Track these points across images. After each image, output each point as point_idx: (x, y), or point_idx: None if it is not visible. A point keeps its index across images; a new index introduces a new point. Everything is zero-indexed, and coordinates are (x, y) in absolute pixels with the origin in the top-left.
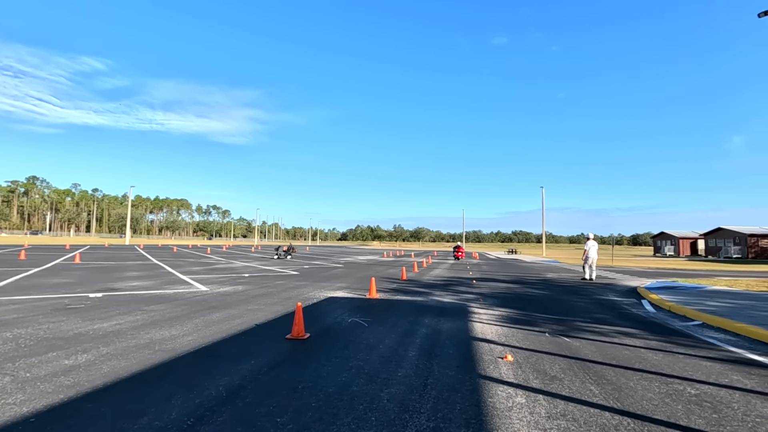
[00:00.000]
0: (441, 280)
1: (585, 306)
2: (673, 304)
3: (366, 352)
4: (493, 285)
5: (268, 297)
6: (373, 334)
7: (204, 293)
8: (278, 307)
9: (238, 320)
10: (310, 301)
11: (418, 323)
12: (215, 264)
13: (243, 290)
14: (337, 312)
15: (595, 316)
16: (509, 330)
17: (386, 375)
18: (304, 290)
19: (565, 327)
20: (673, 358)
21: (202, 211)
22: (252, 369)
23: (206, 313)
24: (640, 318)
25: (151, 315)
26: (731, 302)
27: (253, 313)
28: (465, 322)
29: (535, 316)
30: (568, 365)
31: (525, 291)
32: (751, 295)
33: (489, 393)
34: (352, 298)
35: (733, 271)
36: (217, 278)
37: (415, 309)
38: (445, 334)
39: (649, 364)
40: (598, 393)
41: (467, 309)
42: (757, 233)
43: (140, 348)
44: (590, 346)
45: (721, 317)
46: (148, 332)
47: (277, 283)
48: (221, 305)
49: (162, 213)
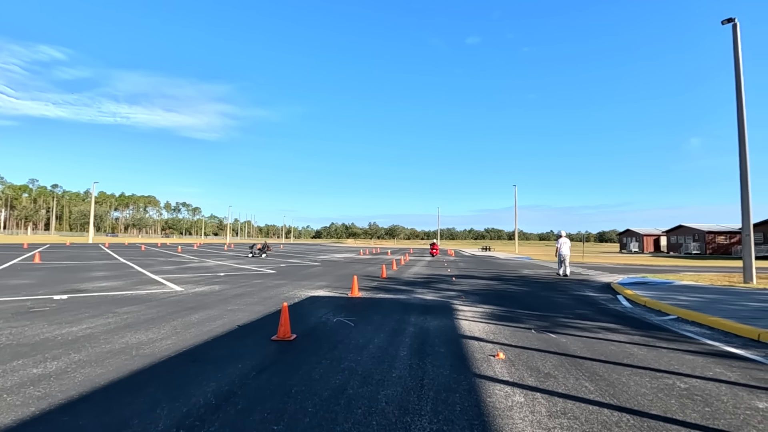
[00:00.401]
0: (421, 278)
1: (565, 302)
2: (648, 300)
3: (356, 352)
4: (473, 282)
5: (248, 297)
6: (360, 333)
7: (179, 294)
8: (259, 307)
9: (218, 321)
10: (292, 300)
11: (404, 322)
12: (188, 263)
13: (220, 290)
14: (320, 311)
15: (576, 312)
16: (496, 327)
17: (380, 376)
18: (283, 289)
19: (550, 323)
20: (658, 353)
21: (170, 208)
22: (240, 373)
23: (184, 315)
24: (619, 313)
25: (124, 317)
26: (700, 297)
27: (234, 314)
28: (451, 320)
29: (519, 312)
30: (559, 362)
31: (505, 288)
32: (717, 289)
33: (487, 392)
34: (334, 296)
35: (694, 266)
36: (191, 278)
37: (399, 307)
38: (434, 333)
39: (637, 359)
40: (594, 389)
41: (451, 306)
42: (714, 230)
43: (116, 353)
44: (577, 342)
45: (694, 311)
46: (123, 336)
47: (254, 282)
48: (199, 306)
49: (128, 210)
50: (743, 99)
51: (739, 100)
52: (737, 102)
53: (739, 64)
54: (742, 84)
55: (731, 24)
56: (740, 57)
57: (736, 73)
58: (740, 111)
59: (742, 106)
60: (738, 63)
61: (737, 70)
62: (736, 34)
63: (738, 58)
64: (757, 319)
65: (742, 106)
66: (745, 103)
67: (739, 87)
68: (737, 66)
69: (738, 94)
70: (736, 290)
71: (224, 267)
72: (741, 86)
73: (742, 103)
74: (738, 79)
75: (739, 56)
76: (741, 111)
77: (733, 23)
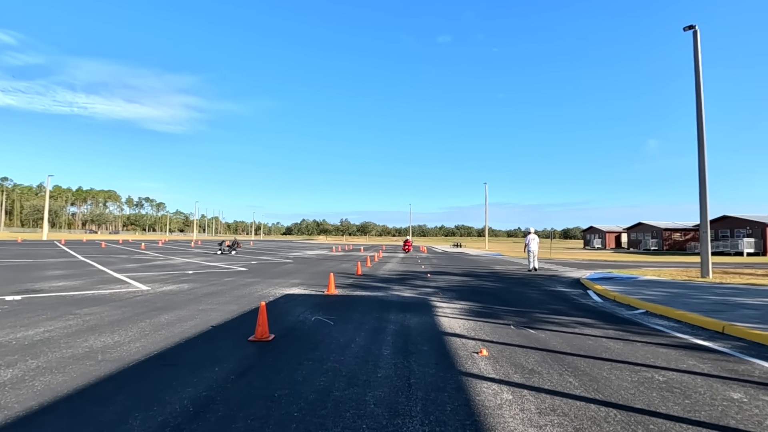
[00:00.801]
0: (396, 275)
1: (539, 297)
2: (618, 294)
3: (338, 352)
4: (448, 278)
5: (219, 295)
6: (341, 332)
7: (145, 293)
8: (233, 307)
9: (190, 322)
10: (267, 299)
11: (384, 320)
12: (153, 260)
13: (190, 289)
14: (297, 310)
15: (551, 307)
16: (476, 323)
17: (366, 377)
18: (257, 287)
19: (527, 319)
20: (633, 347)
21: (133, 203)
22: (218, 377)
23: (152, 316)
24: (591, 308)
25: (86, 319)
26: (665, 291)
27: (207, 314)
28: (431, 317)
29: (496, 308)
30: (541, 358)
31: (480, 284)
32: (678, 284)
33: (475, 390)
34: (310, 294)
35: (654, 261)
36: (157, 276)
37: (377, 305)
38: (415, 330)
39: (614, 353)
40: (578, 385)
41: (429, 303)
42: (671, 228)
43: (79, 359)
44: (556, 338)
45: (660, 305)
46: (87, 339)
47: (225, 280)
48: (168, 306)
49: (86, 205)
50: (702, 103)
51: (698, 104)
52: (697, 106)
53: (699, 69)
54: (701, 88)
55: (692, 31)
56: (700, 62)
57: (696, 77)
58: (699, 115)
59: (702, 110)
60: (698, 68)
61: (697, 75)
62: (696, 41)
63: (698, 63)
64: (719, 312)
65: (701, 110)
66: (704, 107)
67: (698, 91)
68: (697, 71)
69: (698, 98)
70: (696, 285)
71: (192, 264)
72: (701, 90)
73: (701, 107)
74: (698, 83)
75: (699, 61)
76: (700, 115)
77: (694, 30)
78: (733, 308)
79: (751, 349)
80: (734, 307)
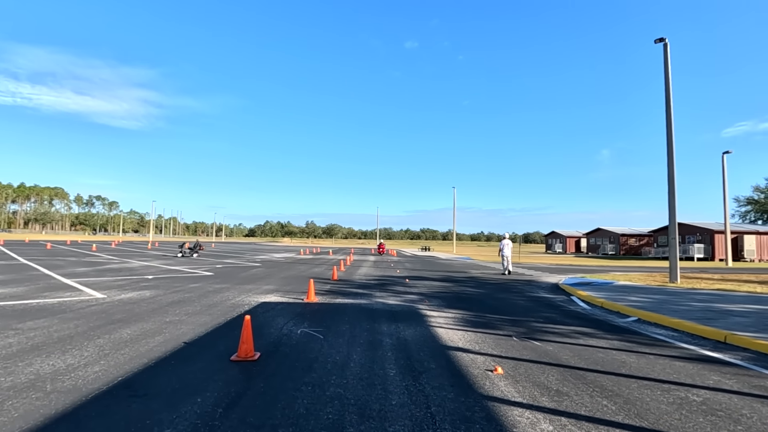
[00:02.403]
0: (374, 280)
1: (526, 304)
2: (605, 301)
3: (338, 374)
4: (428, 284)
5: (187, 304)
6: (334, 348)
7: (101, 302)
8: (204, 318)
9: (158, 338)
10: (241, 307)
11: (377, 331)
12: (107, 264)
13: (152, 296)
14: (279, 321)
15: (543, 315)
16: (475, 335)
17: (379, 405)
18: (227, 294)
19: (526, 329)
20: (647, 360)
21: (82, 202)
22: (202, 411)
23: (112, 330)
24: (583, 315)
25: (30, 336)
26: (647, 297)
27: (176, 327)
28: (425, 328)
29: (489, 317)
30: (561, 375)
31: (462, 290)
32: (655, 289)
33: (509, 420)
34: (288, 302)
35: (617, 266)
36: (113, 282)
37: (364, 314)
38: (414, 344)
39: (633, 369)
40: (616, 410)
41: (418, 312)
42: (627, 233)
43: (22, 390)
44: (564, 351)
45: (651, 312)
46: (31, 363)
47: (191, 286)
48: (129, 318)
49: (29, 203)
50: (672, 115)
51: (668, 115)
52: (666, 118)
53: (669, 81)
54: (671, 100)
55: (663, 43)
56: (670, 73)
57: (666, 89)
58: (669, 126)
59: (671, 122)
60: (668, 79)
61: (667, 86)
62: (666, 53)
63: (668, 75)
64: (711, 319)
65: (671, 122)
66: (674, 119)
67: (668, 102)
68: (667, 82)
69: (667, 110)
70: (672, 290)
71: (152, 269)
72: (670, 102)
73: (671, 119)
74: (667, 95)
75: (668, 73)
76: (670, 127)
77: (664, 43)
78: (722, 315)
79: (765, 361)
80: (723, 315)
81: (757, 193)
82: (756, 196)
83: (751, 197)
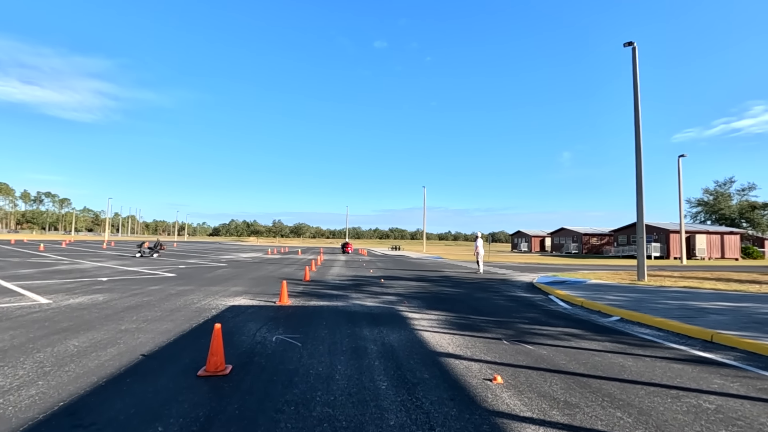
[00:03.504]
0: (348, 280)
1: (507, 304)
2: (584, 300)
3: (324, 389)
4: (404, 284)
5: (146, 309)
6: (315, 358)
7: (45, 308)
8: (166, 324)
9: (111, 349)
10: (208, 312)
11: (359, 337)
12: (55, 265)
13: (106, 301)
14: (250, 327)
15: (526, 316)
16: (463, 339)
17: (375, 428)
18: (191, 297)
19: (513, 331)
20: (645, 363)
21: (30, 198)
22: None
23: (56, 341)
24: (565, 315)
25: None
26: (623, 296)
27: (132, 336)
28: (410, 332)
29: (473, 319)
30: (564, 383)
31: (440, 290)
32: (628, 287)
33: None
34: (260, 306)
35: (583, 264)
36: (61, 284)
37: (343, 318)
38: (401, 351)
39: (633, 373)
40: (632, 422)
41: (399, 314)
42: (589, 233)
43: None
44: (559, 354)
45: (632, 311)
46: None
47: (151, 289)
48: (78, 326)
49: None
50: (639, 117)
51: (636, 118)
52: (635, 120)
53: (637, 83)
54: (639, 102)
55: (631, 47)
56: (638, 76)
57: (634, 91)
58: (637, 129)
59: (639, 124)
60: (636, 82)
61: (635, 89)
62: (635, 56)
63: (636, 77)
64: (691, 318)
65: (638, 124)
66: (641, 122)
67: (636, 105)
68: (635, 84)
69: (635, 112)
70: (644, 288)
71: (106, 270)
72: (638, 105)
73: (638, 122)
74: (636, 98)
75: (637, 75)
76: (638, 129)
77: (633, 47)
78: (699, 313)
79: (756, 361)
80: (700, 312)
81: (707, 195)
82: (705, 198)
83: (701, 199)
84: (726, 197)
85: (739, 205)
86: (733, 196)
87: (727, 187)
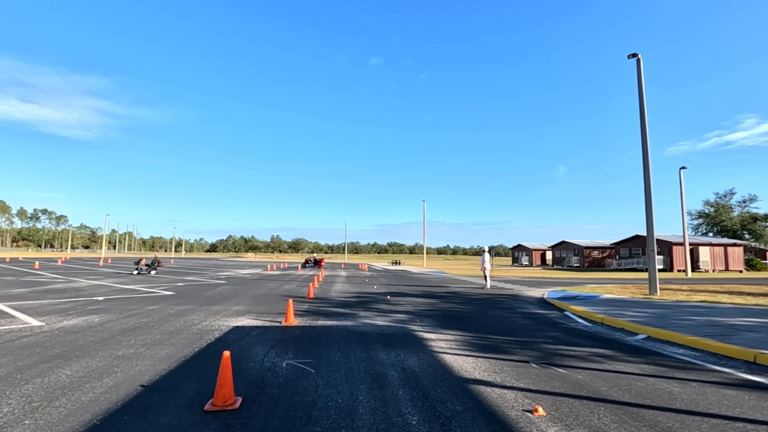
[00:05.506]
0: (353, 297)
1: (524, 322)
2: (604, 317)
3: (348, 425)
4: (411, 300)
5: (144, 332)
6: (332, 386)
7: (37, 331)
8: (166, 349)
9: (107, 380)
10: (210, 335)
11: (375, 361)
12: (49, 283)
13: (101, 322)
14: (257, 351)
15: (548, 335)
16: (488, 362)
17: None
18: (192, 318)
19: (538, 352)
20: (694, 389)
21: (26, 215)
22: None
23: (46, 370)
24: (589, 334)
25: None
26: (643, 311)
27: (130, 364)
28: (429, 355)
29: (492, 339)
30: (614, 415)
31: (450, 307)
32: (645, 302)
33: None
34: (265, 327)
35: (588, 278)
36: (55, 305)
37: (355, 339)
38: (425, 378)
39: (687, 402)
40: None
41: (413, 335)
42: (590, 246)
43: None
44: (596, 379)
45: (658, 329)
46: None
47: (149, 308)
48: (71, 352)
49: None
50: (647, 129)
51: (643, 129)
52: (641, 132)
53: (643, 95)
54: (645, 114)
55: (636, 59)
56: (643, 88)
57: (640, 103)
58: (644, 141)
59: (646, 136)
60: (641, 94)
61: (641, 101)
62: (639, 68)
63: (641, 89)
64: (726, 336)
65: (645, 136)
66: (649, 135)
67: (643, 117)
68: (641, 96)
69: (642, 124)
70: (661, 303)
71: (102, 288)
72: (645, 116)
73: (645, 134)
74: (642, 110)
75: (642, 87)
76: (645, 141)
77: (637, 58)
78: (732, 331)
79: None
80: (732, 330)
81: (708, 207)
82: (707, 210)
83: (702, 211)
84: (727, 209)
85: (740, 216)
86: (734, 208)
87: (727, 198)
